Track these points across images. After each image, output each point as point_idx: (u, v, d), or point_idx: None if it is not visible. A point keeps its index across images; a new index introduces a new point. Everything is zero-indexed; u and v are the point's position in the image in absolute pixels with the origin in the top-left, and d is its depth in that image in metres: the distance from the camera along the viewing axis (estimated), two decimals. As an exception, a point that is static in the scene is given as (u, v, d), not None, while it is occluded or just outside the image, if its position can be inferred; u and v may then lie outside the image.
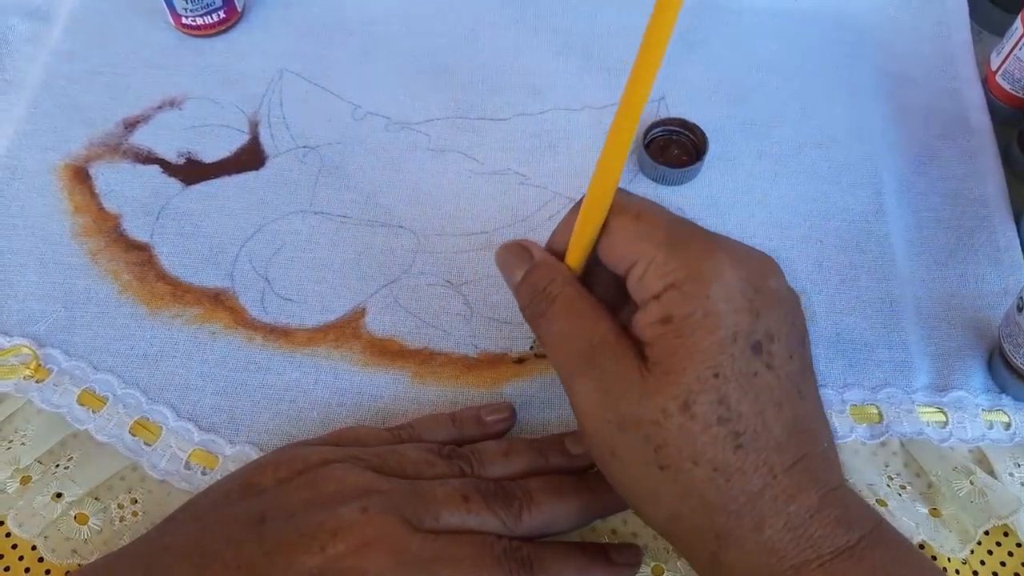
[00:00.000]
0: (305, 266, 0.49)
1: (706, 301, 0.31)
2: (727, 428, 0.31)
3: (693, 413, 0.31)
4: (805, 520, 0.31)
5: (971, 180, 0.53)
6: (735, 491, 0.31)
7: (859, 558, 0.31)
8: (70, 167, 0.52)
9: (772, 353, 0.32)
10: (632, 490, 0.33)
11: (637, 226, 0.34)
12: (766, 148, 0.54)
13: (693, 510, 0.32)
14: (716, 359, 0.31)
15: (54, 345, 0.45)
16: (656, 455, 0.31)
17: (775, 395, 0.32)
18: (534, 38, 0.59)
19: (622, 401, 0.32)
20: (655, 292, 0.32)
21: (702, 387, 0.31)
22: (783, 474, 0.31)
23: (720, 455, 0.31)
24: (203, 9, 0.55)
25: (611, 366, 0.33)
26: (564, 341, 0.34)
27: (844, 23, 0.60)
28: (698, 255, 0.32)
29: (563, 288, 0.35)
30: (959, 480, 0.42)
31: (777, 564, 0.31)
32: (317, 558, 0.33)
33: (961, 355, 0.46)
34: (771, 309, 0.32)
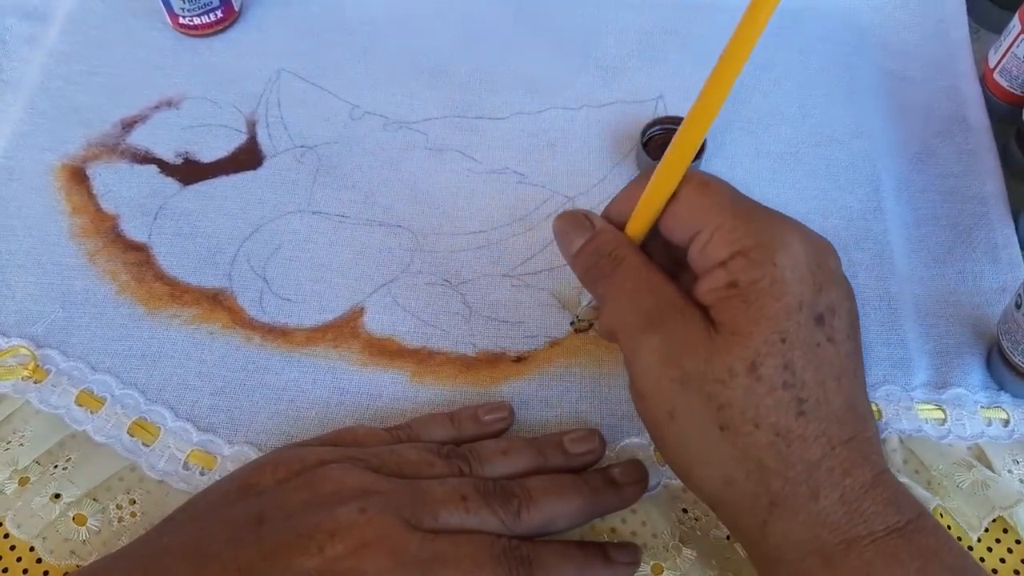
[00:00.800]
0: (303, 266, 0.49)
1: (773, 268, 0.31)
2: (791, 393, 0.31)
3: (760, 375, 0.31)
4: (859, 495, 0.31)
5: (969, 178, 0.53)
6: (794, 458, 0.31)
7: (908, 539, 0.31)
8: (67, 167, 0.51)
9: (834, 328, 0.32)
10: (687, 453, 0.33)
11: (703, 195, 0.34)
12: (764, 147, 0.54)
13: (749, 474, 0.32)
14: (783, 324, 0.31)
15: (52, 346, 0.45)
16: (718, 415, 0.32)
17: (835, 369, 0.32)
18: (532, 37, 0.59)
19: (687, 358, 0.32)
20: (721, 259, 0.32)
21: (769, 350, 0.31)
22: (841, 447, 0.31)
23: (783, 420, 0.31)
24: (200, 9, 0.55)
25: (678, 324, 0.33)
26: (630, 300, 0.35)
27: (842, 21, 0.60)
28: (765, 224, 0.33)
29: (628, 252, 0.36)
30: (961, 473, 0.43)
31: (829, 537, 0.31)
32: (315, 559, 0.33)
33: (959, 352, 0.46)
34: (832, 287, 0.33)
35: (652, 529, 0.41)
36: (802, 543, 0.31)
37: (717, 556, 0.40)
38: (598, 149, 0.53)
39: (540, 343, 0.46)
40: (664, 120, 0.53)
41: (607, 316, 0.36)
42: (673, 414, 0.33)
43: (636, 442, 0.43)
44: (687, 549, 0.40)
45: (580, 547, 0.38)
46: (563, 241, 0.38)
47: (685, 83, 0.57)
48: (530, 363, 0.46)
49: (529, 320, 0.47)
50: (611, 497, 0.39)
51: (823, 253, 0.33)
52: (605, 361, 0.46)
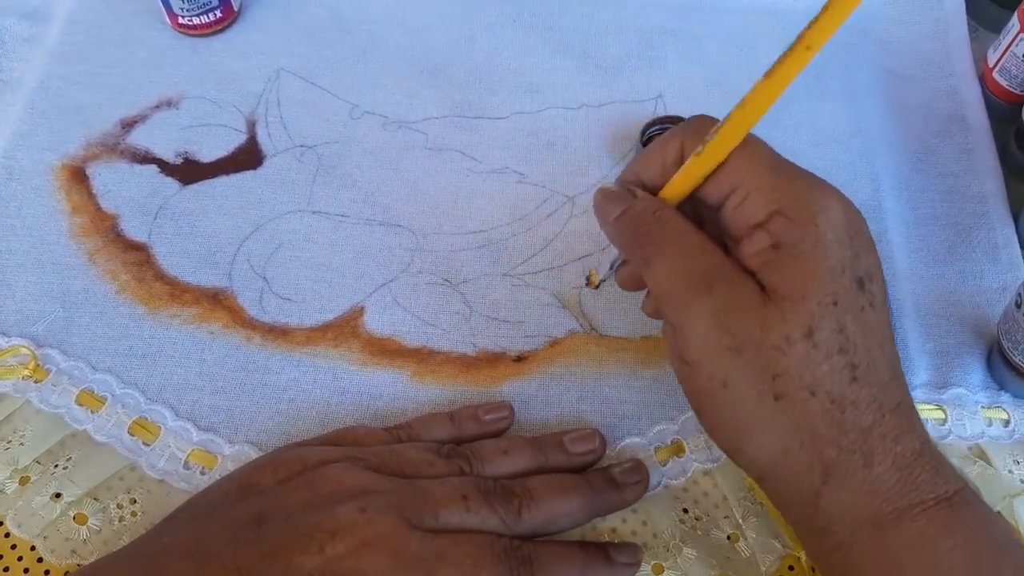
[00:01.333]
0: (303, 265, 0.49)
1: (816, 229, 0.31)
2: (846, 359, 0.31)
3: (816, 341, 0.30)
4: (911, 462, 0.31)
5: (969, 177, 0.53)
6: (848, 424, 0.31)
7: (956, 509, 0.31)
8: (67, 167, 0.51)
9: (873, 293, 0.32)
10: (738, 423, 0.32)
11: (741, 154, 0.33)
12: (764, 146, 0.54)
13: (803, 443, 0.31)
14: (832, 287, 0.31)
15: (52, 345, 0.45)
16: (773, 383, 0.31)
17: (878, 334, 0.32)
18: (531, 37, 0.59)
19: (741, 325, 0.31)
20: (759, 219, 0.32)
21: (824, 313, 0.31)
22: (890, 413, 0.31)
23: (837, 386, 0.31)
24: (200, 9, 0.55)
25: (729, 290, 0.32)
26: (679, 261, 0.33)
27: (841, 21, 0.60)
28: (804, 185, 0.32)
29: (672, 215, 0.34)
30: (966, 466, 0.43)
31: (881, 506, 0.31)
32: (316, 558, 0.33)
33: (960, 352, 0.46)
34: (868, 252, 0.32)
35: (653, 529, 0.41)
36: (854, 512, 0.31)
37: (718, 556, 0.40)
38: (598, 149, 0.53)
39: (540, 343, 0.46)
40: (663, 120, 0.53)
41: (654, 279, 0.34)
42: (726, 383, 0.32)
43: (636, 442, 0.43)
44: (688, 549, 0.40)
45: (581, 547, 0.38)
46: (603, 210, 0.37)
47: (684, 83, 0.57)
48: (530, 363, 0.46)
49: (529, 320, 0.47)
50: (612, 497, 0.39)
51: (859, 219, 0.33)
52: (605, 361, 0.46)
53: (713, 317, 0.32)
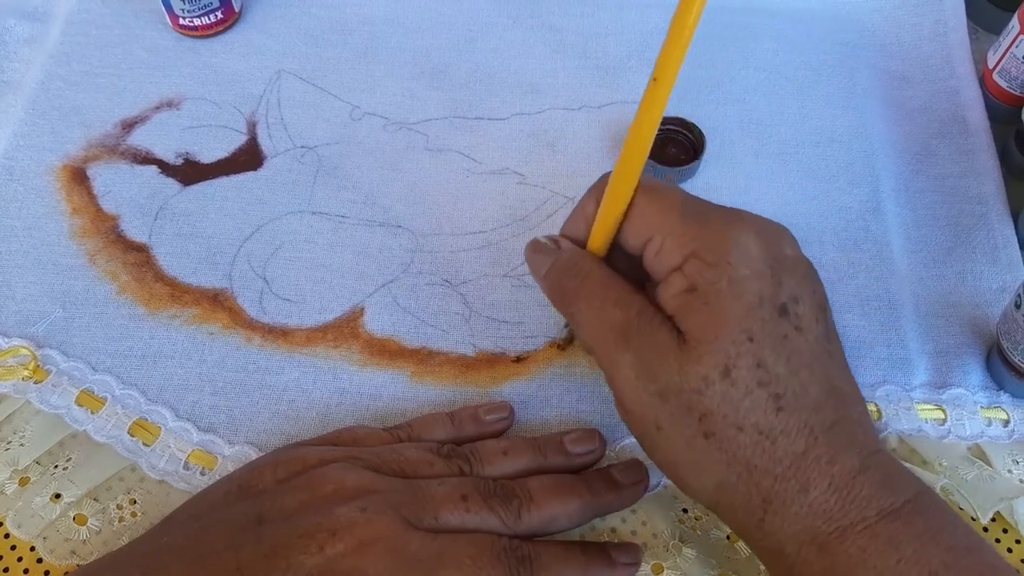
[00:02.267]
0: (303, 266, 0.49)
1: (729, 267, 0.32)
2: (767, 391, 0.31)
3: (734, 379, 0.31)
4: (849, 481, 0.31)
5: (969, 178, 0.53)
6: (780, 453, 0.31)
7: (904, 521, 0.31)
8: (68, 168, 0.52)
9: (799, 315, 0.32)
10: (677, 462, 0.34)
11: (652, 202, 0.34)
12: (764, 147, 0.54)
13: (739, 476, 0.32)
14: (748, 323, 0.31)
15: (52, 346, 0.45)
16: (701, 423, 0.32)
17: (806, 357, 0.32)
18: (532, 38, 0.59)
19: (662, 372, 0.32)
20: (675, 263, 0.33)
21: (739, 351, 0.31)
22: (824, 434, 0.32)
23: (763, 418, 0.31)
24: (201, 10, 0.55)
25: (648, 339, 0.33)
26: (598, 318, 0.35)
27: (842, 22, 0.60)
28: (714, 224, 0.33)
29: (592, 268, 0.36)
30: (965, 466, 0.43)
31: (823, 526, 0.31)
32: (316, 558, 0.33)
33: (959, 352, 0.46)
34: (792, 274, 0.33)
35: (652, 529, 0.41)
36: (798, 534, 0.32)
37: (717, 555, 0.40)
38: (598, 149, 0.54)
39: (540, 343, 0.46)
40: (664, 120, 0.52)
41: (581, 335, 0.36)
42: (659, 426, 0.33)
43: (636, 442, 0.43)
44: (687, 548, 0.40)
45: (581, 547, 0.38)
46: (532, 267, 0.39)
47: (684, 83, 0.57)
48: (530, 363, 0.46)
49: (529, 320, 0.47)
50: (611, 497, 0.39)
51: (778, 242, 0.33)
52: (605, 361, 0.46)
53: (635, 367, 0.33)
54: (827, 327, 0.34)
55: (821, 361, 0.33)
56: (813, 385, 0.32)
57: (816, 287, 0.34)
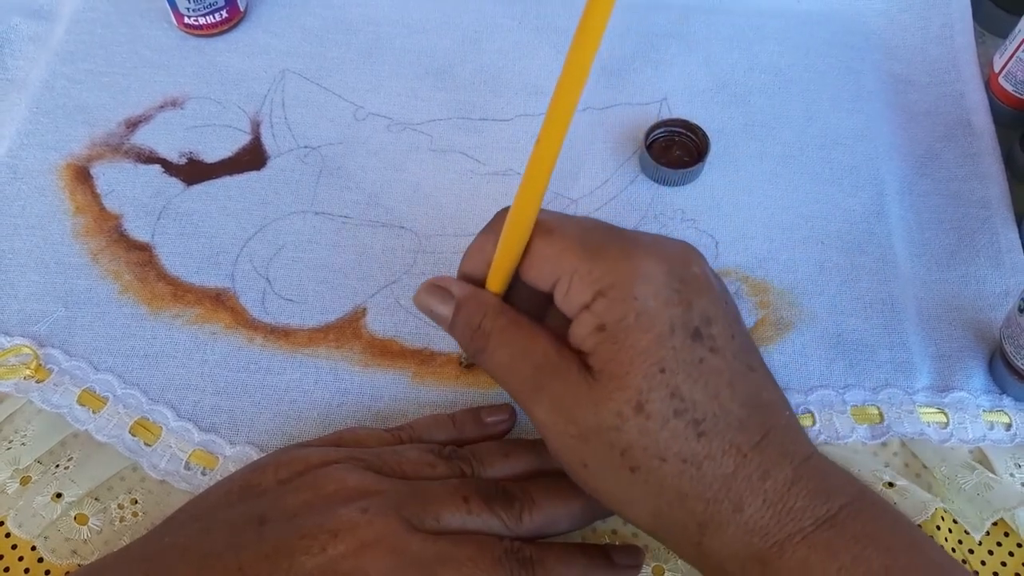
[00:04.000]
0: (306, 266, 0.49)
1: (635, 302, 0.32)
2: (685, 419, 0.31)
3: (648, 412, 0.31)
4: (783, 494, 0.31)
5: (973, 182, 0.53)
6: (708, 478, 0.31)
7: (841, 527, 0.31)
8: (71, 167, 0.52)
9: (713, 336, 0.32)
10: (610, 496, 0.34)
11: (551, 243, 0.34)
12: (768, 149, 0.54)
13: (671, 504, 0.32)
14: (658, 355, 0.31)
15: (55, 345, 0.45)
16: (623, 459, 0.32)
17: (725, 376, 0.32)
18: (536, 39, 0.59)
19: (577, 414, 0.32)
20: (584, 303, 0.33)
21: (651, 384, 0.31)
22: (752, 451, 0.32)
23: (685, 446, 0.31)
24: (206, 9, 0.55)
25: (558, 384, 0.33)
26: (509, 371, 0.35)
27: (847, 25, 0.60)
28: (617, 258, 0.33)
29: (495, 320, 0.36)
30: (964, 474, 0.42)
31: (760, 543, 0.31)
32: (317, 559, 0.33)
33: (962, 356, 0.46)
34: (701, 295, 0.33)
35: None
36: (738, 553, 0.31)
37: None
38: (602, 151, 0.53)
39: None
40: (668, 123, 0.53)
41: (499, 382, 0.36)
42: (585, 464, 0.33)
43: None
44: (688, 552, 0.40)
45: (583, 549, 0.38)
46: (433, 318, 0.38)
47: (689, 85, 0.57)
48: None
49: (531, 322, 0.47)
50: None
51: (684, 263, 0.33)
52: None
53: (552, 413, 0.33)
54: (744, 340, 0.33)
55: (741, 378, 0.32)
56: (734, 404, 0.32)
57: (728, 302, 0.34)
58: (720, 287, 0.34)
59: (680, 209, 0.51)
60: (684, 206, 0.51)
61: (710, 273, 0.34)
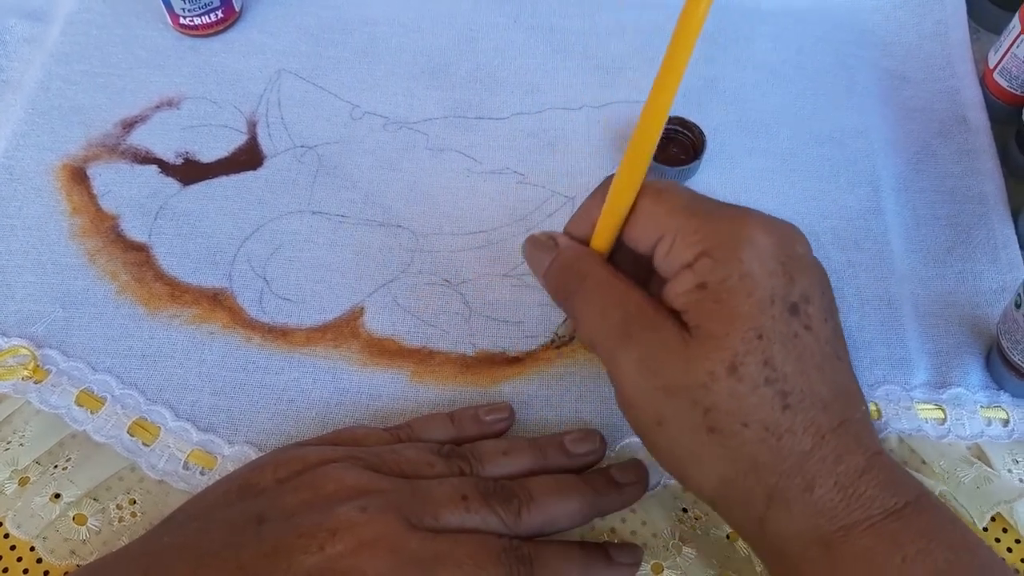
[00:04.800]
0: (303, 266, 0.49)
1: (740, 265, 0.31)
2: (774, 388, 0.31)
3: (740, 375, 0.31)
4: (854, 480, 0.31)
5: (969, 178, 0.53)
6: (785, 451, 0.31)
7: (907, 520, 0.31)
8: (68, 168, 0.51)
9: (809, 315, 0.32)
10: (680, 457, 0.33)
11: (660, 202, 0.34)
12: (764, 146, 0.54)
13: (744, 472, 0.32)
14: (757, 320, 0.31)
15: (52, 346, 0.45)
16: (705, 418, 0.32)
17: (816, 357, 0.32)
18: (532, 37, 0.59)
19: (667, 367, 0.32)
20: (686, 261, 0.33)
21: (747, 348, 0.31)
22: (831, 434, 0.32)
23: (770, 415, 0.31)
24: (201, 9, 0.55)
25: (651, 335, 0.33)
26: (600, 316, 0.35)
27: (842, 22, 0.60)
28: (726, 221, 0.33)
29: (593, 266, 0.36)
30: (963, 468, 0.43)
31: (826, 525, 0.31)
32: (316, 557, 0.33)
33: (959, 352, 0.46)
34: (803, 273, 0.33)
35: (652, 528, 0.41)
36: (802, 533, 0.31)
37: (718, 555, 0.40)
38: (598, 149, 0.54)
39: (540, 343, 0.46)
40: (664, 120, 0.53)
41: (582, 333, 0.36)
42: (661, 421, 0.33)
43: (636, 442, 0.43)
44: (687, 548, 0.41)
45: (581, 547, 0.38)
46: (532, 264, 0.39)
47: (686, 83, 0.56)
48: (530, 363, 0.46)
49: (529, 320, 0.47)
50: (611, 497, 0.39)
51: (790, 241, 0.33)
52: (605, 361, 0.46)
53: (638, 363, 0.33)
54: (836, 328, 0.33)
55: (830, 362, 0.32)
56: (821, 385, 0.32)
57: (826, 289, 0.34)
58: (821, 271, 0.34)
59: (677, 207, 0.51)
60: (681, 204, 0.51)
61: (813, 257, 0.34)
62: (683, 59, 0.32)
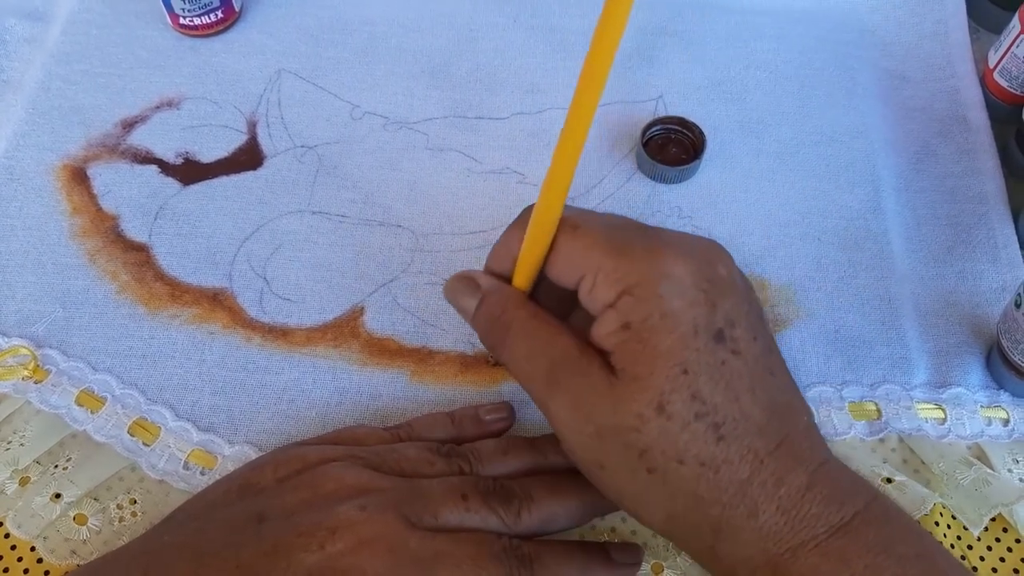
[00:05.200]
0: (303, 266, 0.49)
1: (660, 301, 0.31)
2: (705, 422, 0.31)
3: (669, 413, 0.31)
4: (796, 501, 0.31)
5: (969, 178, 0.53)
6: (724, 482, 0.31)
7: (855, 535, 0.31)
8: (68, 168, 0.51)
9: (736, 339, 0.32)
10: (625, 497, 0.33)
11: (576, 239, 0.34)
12: (764, 146, 0.54)
13: (687, 507, 0.32)
14: (681, 356, 0.31)
15: (52, 346, 0.45)
16: (641, 460, 0.32)
17: (746, 380, 0.32)
18: (532, 37, 0.59)
19: (596, 413, 0.32)
20: (608, 301, 0.32)
21: (673, 386, 0.31)
22: (769, 457, 0.31)
23: (704, 449, 0.31)
24: (201, 9, 0.55)
25: (578, 381, 0.33)
26: (527, 364, 0.35)
27: (842, 22, 0.60)
28: (643, 256, 0.32)
29: (516, 312, 0.36)
30: (963, 470, 0.43)
31: (774, 548, 0.31)
32: (315, 556, 0.33)
33: (959, 352, 0.46)
34: (726, 296, 0.32)
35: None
36: (750, 559, 0.31)
37: (717, 555, 0.40)
38: (598, 149, 0.53)
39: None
40: (664, 120, 0.53)
41: (516, 377, 0.36)
42: (603, 465, 0.33)
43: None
44: (687, 548, 0.40)
45: (581, 547, 0.38)
46: (458, 309, 0.38)
47: (685, 83, 0.57)
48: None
49: (529, 320, 0.47)
50: (611, 497, 0.39)
51: (709, 264, 0.33)
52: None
53: (569, 409, 0.33)
54: (766, 343, 0.33)
55: (762, 382, 0.32)
56: (755, 409, 0.32)
57: (752, 304, 0.33)
58: (745, 287, 0.34)
59: (677, 207, 0.51)
60: (681, 204, 0.51)
61: (736, 273, 0.34)
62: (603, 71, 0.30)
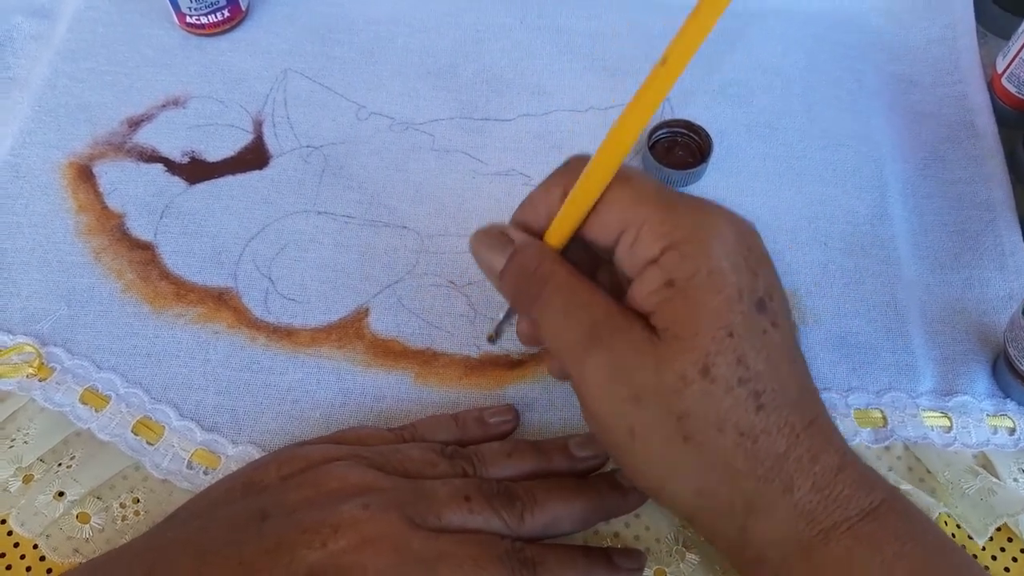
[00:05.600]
0: (308, 266, 0.48)
1: (709, 260, 0.30)
2: (748, 388, 0.30)
3: (714, 376, 0.30)
4: (831, 480, 0.31)
5: (976, 184, 0.53)
6: (762, 454, 0.30)
7: (883, 521, 0.30)
8: (74, 166, 0.51)
9: (775, 311, 0.31)
10: (654, 470, 0.32)
11: (625, 190, 0.32)
12: (771, 150, 0.54)
13: (720, 480, 0.31)
14: (728, 318, 0.30)
15: (57, 344, 0.45)
16: (679, 425, 0.30)
17: (784, 353, 0.31)
18: (539, 39, 0.59)
19: (637, 373, 0.31)
20: (652, 256, 0.31)
21: (719, 348, 0.30)
22: (804, 433, 0.31)
23: (744, 418, 0.30)
24: (207, 8, 0.55)
25: (620, 339, 0.31)
26: (565, 322, 0.33)
27: (850, 26, 0.60)
28: (693, 214, 0.31)
29: (554, 268, 0.34)
30: (968, 479, 0.42)
31: (807, 529, 0.30)
32: (318, 553, 0.33)
33: (966, 360, 0.46)
34: (765, 268, 0.32)
35: (655, 534, 0.41)
36: (782, 540, 0.31)
37: (720, 561, 0.40)
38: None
39: (544, 345, 0.46)
40: (670, 123, 0.52)
41: (546, 338, 0.34)
42: (633, 432, 0.31)
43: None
44: (690, 554, 0.40)
45: (584, 552, 0.38)
46: (483, 264, 0.36)
47: (691, 86, 0.56)
48: (534, 366, 0.46)
49: (534, 322, 0.47)
50: (615, 501, 0.39)
51: (751, 235, 0.32)
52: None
53: (608, 369, 0.31)
54: (794, 326, 0.33)
55: (796, 358, 0.32)
56: (791, 382, 0.31)
57: (781, 285, 0.33)
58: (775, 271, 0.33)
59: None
60: (687, 207, 0.51)
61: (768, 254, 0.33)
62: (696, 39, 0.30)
